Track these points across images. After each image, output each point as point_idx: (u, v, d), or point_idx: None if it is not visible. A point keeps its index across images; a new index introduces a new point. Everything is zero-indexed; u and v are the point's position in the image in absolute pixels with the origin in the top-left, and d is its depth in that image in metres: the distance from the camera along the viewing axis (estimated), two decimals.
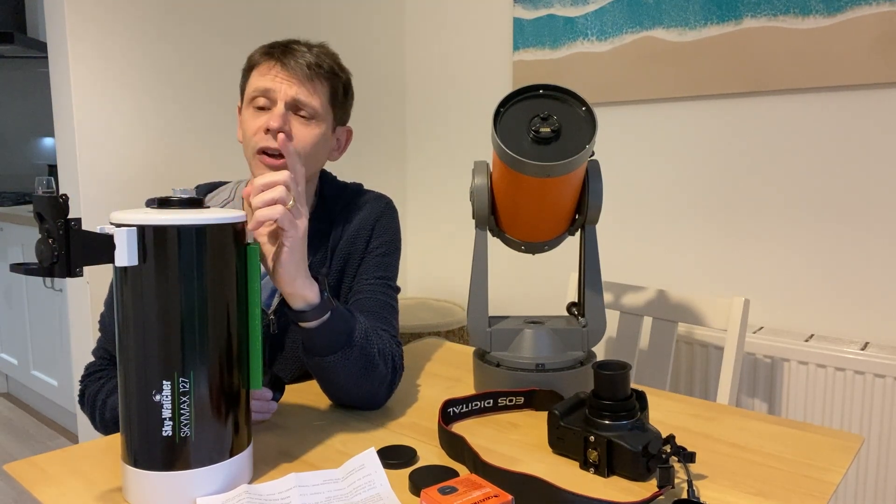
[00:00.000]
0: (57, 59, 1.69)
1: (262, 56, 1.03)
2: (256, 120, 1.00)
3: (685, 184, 1.86)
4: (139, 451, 0.69)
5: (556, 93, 0.96)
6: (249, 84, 1.03)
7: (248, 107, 1.02)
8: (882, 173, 1.56)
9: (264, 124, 0.98)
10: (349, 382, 0.94)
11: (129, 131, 1.77)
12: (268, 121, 0.98)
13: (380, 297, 1.09)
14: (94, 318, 1.74)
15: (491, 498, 0.63)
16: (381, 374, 0.97)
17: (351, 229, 1.12)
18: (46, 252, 0.63)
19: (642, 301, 1.46)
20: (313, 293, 0.87)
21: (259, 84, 1.00)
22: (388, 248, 1.14)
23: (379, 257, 1.13)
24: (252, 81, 1.02)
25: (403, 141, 2.56)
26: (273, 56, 1.01)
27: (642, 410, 0.82)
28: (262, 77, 1.01)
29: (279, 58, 1.01)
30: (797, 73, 1.63)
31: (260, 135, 0.99)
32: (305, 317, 0.87)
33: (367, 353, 0.94)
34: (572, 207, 1.03)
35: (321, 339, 0.90)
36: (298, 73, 1.01)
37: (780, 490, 0.74)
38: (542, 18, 2.08)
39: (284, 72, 1.00)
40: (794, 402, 1.58)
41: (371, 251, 1.12)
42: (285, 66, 1.01)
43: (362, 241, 1.12)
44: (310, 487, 0.72)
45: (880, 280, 1.58)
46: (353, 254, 1.11)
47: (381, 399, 0.99)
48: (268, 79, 1.00)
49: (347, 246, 1.11)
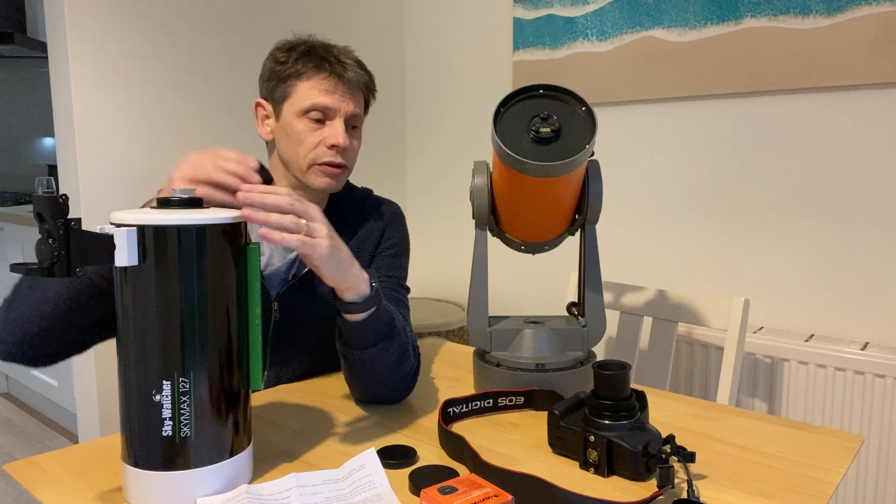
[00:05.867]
0: (57, 59, 1.69)
1: (312, 68, 1.04)
2: (314, 134, 1.04)
3: (685, 184, 1.86)
4: (139, 451, 0.69)
5: (556, 93, 0.96)
6: (299, 95, 1.04)
7: (300, 118, 1.04)
8: (882, 173, 1.56)
9: (328, 140, 1.03)
10: (385, 374, 0.96)
11: (129, 131, 1.77)
12: (333, 137, 1.03)
13: (393, 294, 1.12)
14: None
15: (491, 498, 0.63)
16: (411, 365, 1.00)
17: (361, 232, 1.15)
18: (46, 252, 0.63)
19: (642, 301, 1.46)
20: (365, 284, 0.88)
21: (319, 100, 1.03)
22: (398, 251, 1.17)
23: (389, 258, 1.16)
24: (304, 94, 1.03)
25: (403, 141, 2.56)
26: (325, 69, 1.04)
27: (642, 410, 0.82)
28: (321, 93, 1.03)
29: (336, 72, 1.04)
30: (797, 73, 1.63)
31: (322, 149, 1.04)
32: (355, 308, 0.88)
33: (403, 344, 0.97)
34: (572, 207, 1.03)
35: (366, 330, 0.91)
36: (352, 87, 1.06)
37: (779, 490, 0.74)
38: (542, 18, 2.08)
39: (341, 86, 1.04)
40: (794, 402, 1.58)
41: (381, 252, 1.16)
42: (341, 81, 1.04)
43: (372, 243, 1.15)
44: (310, 487, 0.72)
45: (880, 280, 1.58)
46: (362, 250, 1.14)
47: (409, 390, 1.02)
48: (329, 96, 1.03)
49: (358, 243, 1.14)
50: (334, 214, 1.13)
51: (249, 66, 2.02)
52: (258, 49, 2.03)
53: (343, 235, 1.12)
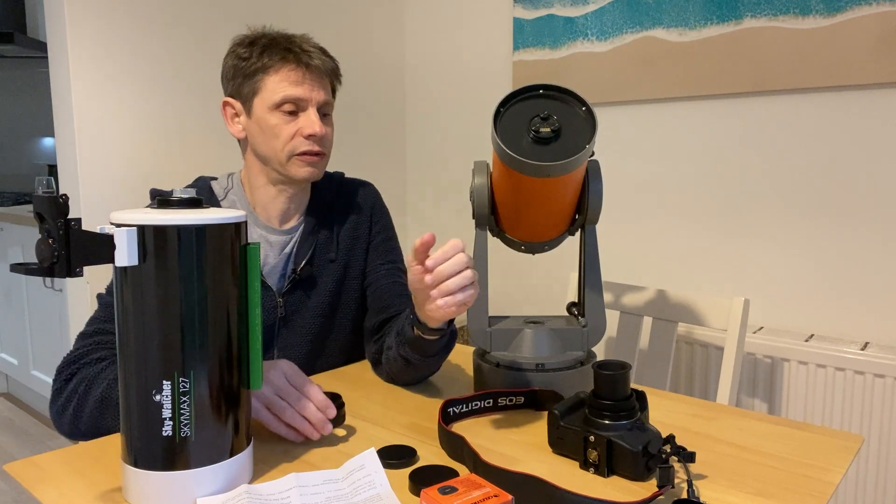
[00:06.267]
0: (57, 59, 1.69)
1: (278, 60, 1.03)
2: (289, 126, 1.04)
3: (685, 184, 1.86)
4: (139, 451, 0.69)
5: (556, 93, 0.96)
6: (268, 89, 1.04)
7: (273, 112, 1.04)
8: (882, 173, 1.56)
9: (304, 130, 1.04)
10: (435, 366, 1.05)
11: (129, 131, 1.77)
12: (309, 127, 1.03)
13: (399, 280, 1.17)
14: None
15: (491, 498, 0.63)
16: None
17: (351, 219, 1.19)
18: (46, 252, 0.63)
19: (642, 301, 1.46)
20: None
21: (290, 92, 1.03)
22: (389, 234, 1.22)
23: (384, 242, 1.20)
24: (274, 87, 1.03)
25: (403, 141, 2.56)
26: (290, 60, 1.04)
27: (642, 410, 0.82)
28: (291, 84, 1.03)
29: (302, 62, 1.04)
30: (797, 73, 1.63)
31: (298, 139, 1.05)
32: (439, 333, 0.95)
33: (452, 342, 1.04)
34: (572, 207, 1.03)
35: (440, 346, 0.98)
36: (320, 74, 1.06)
37: (779, 490, 0.74)
38: (542, 18, 2.08)
39: (310, 76, 1.04)
40: (794, 402, 1.58)
41: (375, 236, 1.20)
42: (308, 70, 1.04)
43: (364, 231, 1.19)
44: (310, 487, 0.72)
45: (880, 280, 1.58)
46: (357, 239, 1.18)
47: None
48: (299, 87, 1.03)
49: (351, 231, 1.18)
50: (319, 204, 1.16)
51: None
52: None
53: (335, 224, 1.17)
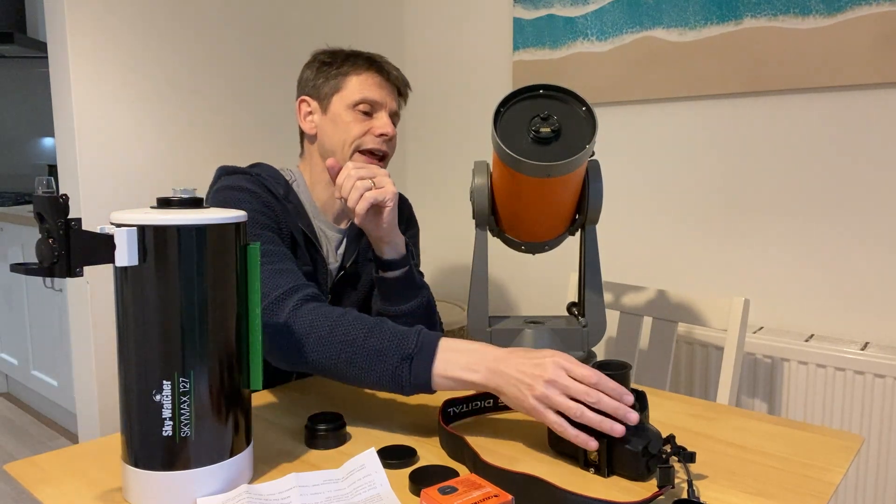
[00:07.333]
0: (57, 59, 1.69)
1: (362, 66, 1.17)
2: (362, 123, 1.16)
3: (685, 184, 1.86)
4: (139, 451, 0.69)
5: (556, 93, 0.96)
6: (349, 89, 1.16)
7: (349, 110, 1.15)
8: (882, 173, 1.56)
9: (377, 129, 1.15)
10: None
11: (129, 131, 1.77)
12: (382, 127, 1.15)
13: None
14: (94, 318, 1.74)
15: (491, 498, 0.63)
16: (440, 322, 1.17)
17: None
18: (46, 252, 0.63)
19: (642, 301, 1.46)
20: (402, 243, 1.09)
21: (369, 94, 1.15)
22: (415, 240, 1.33)
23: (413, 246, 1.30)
24: (355, 88, 1.15)
25: (403, 141, 2.56)
26: (374, 68, 1.17)
27: (642, 410, 0.82)
28: (371, 87, 1.16)
29: (384, 71, 1.18)
30: (797, 73, 1.63)
31: (369, 136, 1.16)
32: (395, 265, 1.07)
33: (432, 306, 1.14)
34: (572, 207, 1.03)
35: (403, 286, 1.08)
36: (397, 85, 1.21)
37: (779, 490, 0.74)
38: (542, 18, 2.08)
39: (388, 84, 1.18)
40: (794, 402, 1.58)
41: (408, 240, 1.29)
42: (388, 79, 1.18)
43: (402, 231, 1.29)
44: (310, 487, 0.72)
45: (880, 280, 1.58)
46: None
47: None
48: (378, 91, 1.16)
49: None
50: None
51: (249, 66, 2.02)
52: (257, 49, 2.03)
53: None
